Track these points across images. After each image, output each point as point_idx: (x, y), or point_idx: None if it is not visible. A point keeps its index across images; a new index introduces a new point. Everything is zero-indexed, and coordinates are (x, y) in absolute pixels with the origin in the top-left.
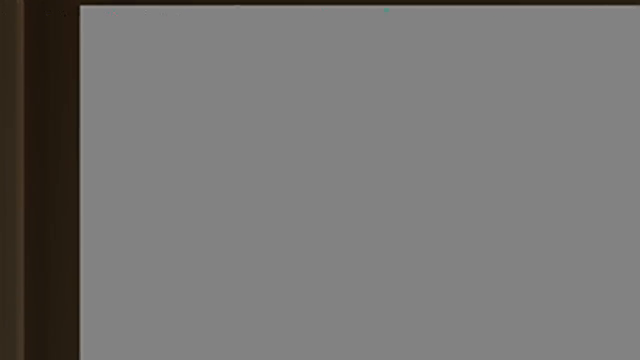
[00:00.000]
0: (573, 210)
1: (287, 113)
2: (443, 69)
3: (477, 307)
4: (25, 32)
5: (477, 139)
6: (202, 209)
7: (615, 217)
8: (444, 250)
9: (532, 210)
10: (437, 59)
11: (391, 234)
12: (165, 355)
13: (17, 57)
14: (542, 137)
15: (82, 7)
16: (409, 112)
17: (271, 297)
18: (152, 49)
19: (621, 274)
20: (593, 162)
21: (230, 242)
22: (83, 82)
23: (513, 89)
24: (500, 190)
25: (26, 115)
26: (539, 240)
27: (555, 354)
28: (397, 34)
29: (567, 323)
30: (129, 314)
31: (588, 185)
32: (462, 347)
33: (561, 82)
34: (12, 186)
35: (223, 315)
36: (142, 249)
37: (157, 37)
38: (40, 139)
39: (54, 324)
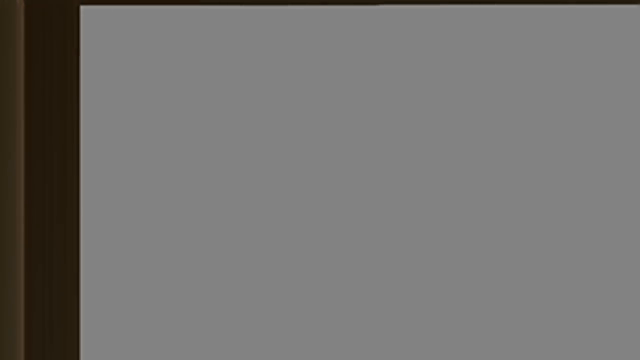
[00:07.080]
0: (572, 209)
1: (287, 113)
2: (443, 69)
3: (477, 307)
4: (25, 32)
5: (476, 138)
6: (202, 208)
7: (615, 216)
8: (443, 250)
9: (531, 209)
10: (436, 59)
11: (390, 233)
12: (165, 355)
13: (17, 57)
14: (541, 136)
15: (82, 7)
16: (409, 112)
17: (270, 297)
18: (152, 49)
19: (621, 273)
20: (592, 162)
21: (230, 242)
22: (83, 82)
23: (513, 89)
24: (499, 190)
25: (26, 116)
26: (538, 240)
27: (555, 354)
28: (397, 34)
29: (566, 323)
30: (129, 315)
31: (587, 185)
32: (462, 347)
33: (561, 82)
34: (13, 186)
35: (222, 315)
36: (142, 249)
37: (157, 37)
38: (40, 139)
39: (54, 324)
